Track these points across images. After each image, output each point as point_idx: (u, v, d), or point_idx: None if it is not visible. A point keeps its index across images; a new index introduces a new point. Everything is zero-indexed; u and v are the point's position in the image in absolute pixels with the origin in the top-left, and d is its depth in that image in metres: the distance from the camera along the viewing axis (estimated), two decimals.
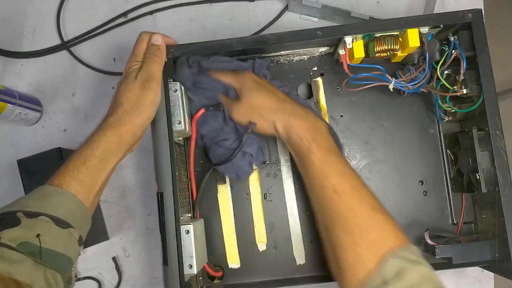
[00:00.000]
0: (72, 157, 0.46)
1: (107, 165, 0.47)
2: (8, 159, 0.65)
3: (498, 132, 0.52)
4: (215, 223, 0.61)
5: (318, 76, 0.63)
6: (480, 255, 0.53)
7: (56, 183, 0.44)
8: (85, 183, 0.45)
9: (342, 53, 0.57)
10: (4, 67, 0.67)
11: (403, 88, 0.58)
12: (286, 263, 0.61)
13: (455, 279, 0.64)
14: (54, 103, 0.67)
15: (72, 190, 0.44)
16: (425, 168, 0.62)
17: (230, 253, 0.61)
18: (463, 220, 0.60)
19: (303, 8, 0.66)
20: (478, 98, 0.54)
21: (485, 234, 0.58)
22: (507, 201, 0.52)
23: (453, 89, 0.55)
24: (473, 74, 0.54)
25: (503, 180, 0.52)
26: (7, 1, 0.69)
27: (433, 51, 0.55)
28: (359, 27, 0.54)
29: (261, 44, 0.54)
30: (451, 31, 0.55)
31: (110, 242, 0.65)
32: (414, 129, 0.62)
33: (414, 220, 0.61)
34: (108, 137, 0.47)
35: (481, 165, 0.54)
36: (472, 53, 0.54)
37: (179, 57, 0.56)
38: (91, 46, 0.68)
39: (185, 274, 0.51)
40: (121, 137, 0.48)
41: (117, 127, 0.48)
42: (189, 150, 0.60)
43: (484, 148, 0.54)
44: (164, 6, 0.68)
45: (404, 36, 0.55)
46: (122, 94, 0.49)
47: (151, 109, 0.51)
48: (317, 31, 0.54)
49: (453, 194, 0.61)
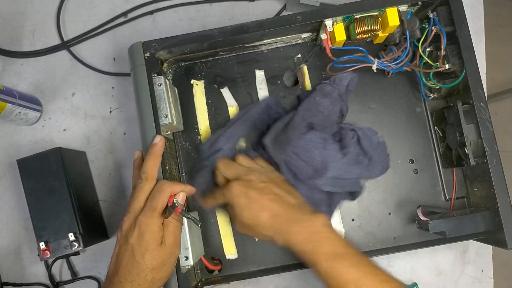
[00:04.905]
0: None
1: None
2: (8, 159, 0.66)
3: (482, 104, 0.53)
4: (209, 215, 0.62)
5: (302, 63, 0.63)
6: (473, 227, 0.54)
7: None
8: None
9: (324, 38, 0.58)
10: (4, 67, 0.68)
11: (386, 68, 0.58)
12: (283, 250, 0.61)
13: (455, 279, 0.64)
14: (54, 102, 0.67)
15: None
16: (414, 146, 0.62)
17: (227, 244, 0.61)
18: (456, 195, 0.61)
19: (300, 7, 0.66)
20: (461, 72, 0.54)
21: (477, 207, 0.58)
22: (495, 171, 0.52)
23: (435, 66, 0.55)
24: (454, 48, 0.54)
25: (490, 151, 0.52)
26: (7, 1, 0.69)
27: (414, 29, 0.56)
28: (338, 9, 0.55)
29: (242, 32, 0.55)
30: (430, 8, 0.56)
31: (110, 242, 0.65)
32: (401, 109, 0.62)
33: (407, 199, 0.61)
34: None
35: (468, 138, 0.54)
36: (452, 28, 0.54)
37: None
38: (91, 46, 0.68)
39: (181, 266, 0.52)
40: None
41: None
42: (178, 144, 0.60)
43: (470, 121, 0.54)
44: (164, 6, 0.68)
45: (384, 15, 0.55)
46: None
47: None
48: (297, 16, 0.54)
49: (444, 170, 0.61)
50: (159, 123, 0.54)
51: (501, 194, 0.52)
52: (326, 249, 0.47)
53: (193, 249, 0.53)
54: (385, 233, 0.61)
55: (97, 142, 0.66)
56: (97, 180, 0.66)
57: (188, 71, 0.63)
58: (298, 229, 0.49)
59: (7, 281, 0.64)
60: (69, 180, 0.58)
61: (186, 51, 0.58)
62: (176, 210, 0.48)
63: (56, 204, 0.57)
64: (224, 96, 0.63)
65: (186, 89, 0.63)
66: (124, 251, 0.47)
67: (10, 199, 0.65)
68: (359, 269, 0.46)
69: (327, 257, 0.47)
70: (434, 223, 0.54)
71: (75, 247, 0.56)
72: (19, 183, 0.59)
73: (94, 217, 0.63)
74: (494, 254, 0.64)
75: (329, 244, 0.48)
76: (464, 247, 0.64)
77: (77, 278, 0.64)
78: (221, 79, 0.63)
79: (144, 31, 0.68)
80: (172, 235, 0.48)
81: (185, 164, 0.62)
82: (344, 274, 0.46)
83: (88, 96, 0.67)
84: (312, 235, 0.48)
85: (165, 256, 0.47)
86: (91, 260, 0.65)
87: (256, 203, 0.50)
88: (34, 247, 0.64)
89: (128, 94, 0.67)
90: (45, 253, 0.56)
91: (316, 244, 0.48)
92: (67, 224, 0.57)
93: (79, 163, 0.64)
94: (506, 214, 0.52)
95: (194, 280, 0.57)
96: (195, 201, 0.58)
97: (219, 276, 0.61)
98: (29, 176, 0.58)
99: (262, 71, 0.63)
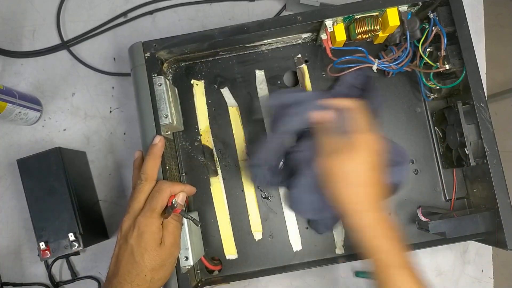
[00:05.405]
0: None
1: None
2: (8, 158, 0.66)
3: (482, 104, 0.53)
4: (209, 215, 0.62)
5: (302, 63, 0.63)
6: (473, 228, 0.54)
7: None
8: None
9: (324, 38, 0.58)
10: (4, 67, 0.68)
11: (387, 68, 0.58)
12: (283, 250, 0.61)
13: (455, 279, 0.64)
14: (54, 102, 0.67)
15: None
16: (414, 147, 0.62)
17: (227, 244, 0.61)
18: (456, 195, 0.61)
19: (300, 7, 0.65)
20: (461, 73, 0.54)
21: (477, 208, 0.58)
22: (496, 172, 0.52)
23: (436, 66, 0.55)
24: (454, 49, 0.54)
25: (490, 151, 0.52)
26: (7, 1, 0.69)
27: (414, 29, 0.56)
28: (338, 9, 0.54)
29: (242, 32, 0.55)
30: (430, 8, 0.56)
31: (110, 242, 0.65)
32: (401, 109, 0.62)
33: (407, 199, 0.61)
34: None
35: (468, 139, 0.54)
36: (452, 28, 0.54)
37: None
38: (91, 45, 0.68)
39: (181, 266, 0.52)
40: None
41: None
42: (178, 144, 0.60)
43: (470, 121, 0.54)
44: (164, 6, 0.68)
45: (384, 16, 0.55)
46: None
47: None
48: (297, 16, 0.54)
49: (444, 171, 0.61)
50: (159, 123, 0.54)
51: (501, 194, 0.52)
52: (395, 257, 0.46)
53: (193, 249, 0.53)
54: None
55: (97, 142, 0.66)
56: (97, 180, 0.66)
57: (188, 71, 0.63)
58: (372, 213, 0.47)
59: (7, 281, 0.64)
60: (69, 180, 0.58)
61: (186, 51, 0.58)
62: (175, 210, 0.48)
63: (56, 204, 0.57)
64: (224, 96, 0.63)
65: (186, 89, 0.63)
66: (124, 252, 0.47)
67: (10, 199, 0.65)
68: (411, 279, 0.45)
69: (396, 264, 0.45)
70: (434, 224, 0.54)
71: (75, 247, 0.56)
72: (19, 183, 0.59)
73: (94, 217, 0.63)
74: (494, 254, 0.64)
75: (399, 252, 0.46)
76: (464, 247, 0.64)
77: (77, 278, 0.64)
78: (221, 79, 0.63)
79: (144, 31, 0.68)
80: (172, 236, 0.48)
81: (185, 164, 0.62)
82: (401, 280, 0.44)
83: (88, 96, 0.67)
84: (387, 236, 0.46)
85: (165, 256, 0.47)
86: (91, 260, 0.65)
87: (376, 172, 0.48)
88: (34, 247, 0.64)
89: (128, 94, 0.66)
90: (45, 253, 0.56)
91: (390, 246, 0.46)
92: (67, 224, 0.57)
93: (79, 163, 0.64)
94: (506, 215, 0.52)
95: (194, 280, 0.57)
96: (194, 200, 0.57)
97: (219, 276, 0.61)
98: (29, 176, 0.58)
99: (262, 71, 0.63)
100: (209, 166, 0.62)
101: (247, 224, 0.62)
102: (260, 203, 0.62)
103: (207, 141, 0.62)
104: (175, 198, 0.49)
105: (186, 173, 0.62)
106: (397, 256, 0.46)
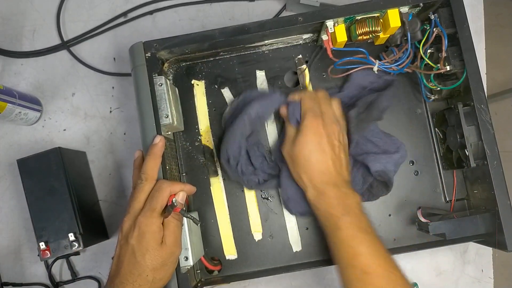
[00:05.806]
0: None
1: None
2: (8, 158, 0.66)
3: (483, 105, 0.53)
4: (209, 215, 0.62)
5: (303, 64, 0.63)
6: (473, 229, 0.54)
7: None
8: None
9: (325, 39, 0.58)
10: (4, 67, 0.68)
11: (387, 69, 0.58)
12: (283, 250, 0.61)
13: (455, 279, 0.64)
14: (54, 102, 0.67)
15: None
16: (415, 148, 0.62)
17: (227, 244, 0.61)
18: (456, 197, 0.61)
19: (300, 7, 0.65)
20: (461, 74, 0.54)
21: (477, 209, 0.58)
22: (496, 174, 0.52)
23: (436, 67, 0.55)
24: (455, 50, 0.54)
25: (490, 152, 0.52)
26: (7, 1, 0.69)
27: (415, 30, 0.56)
28: (339, 10, 0.54)
29: (243, 33, 0.55)
30: (431, 10, 0.56)
31: (110, 242, 0.65)
32: (402, 110, 0.62)
33: (407, 200, 0.61)
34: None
35: (469, 140, 0.54)
36: (453, 29, 0.54)
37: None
38: (91, 46, 0.68)
39: (181, 266, 0.52)
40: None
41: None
42: (179, 144, 0.60)
43: (470, 123, 0.54)
44: (164, 6, 0.68)
45: (385, 17, 0.55)
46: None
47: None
48: (298, 17, 0.54)
49: (444, 172, 0.61)
50: (159, 123, 0.53)
51: (501, 196, 0.52)
52: (353, 220, 0.49)
53: (193, 249, 0.53)
54: (385, 234, 0.61)
55: (97, 142, 0.66)
56: (97, 180, 0.66)
57: (189, 71, 0.63)
58: (336, 193, 0.51)
59: (7, 281, 0.64)
60: (69, 180, 0.58)
61: (187, 51, 0.58)
62: (175, 209, 0.48)
63: (56, 204, 0.57)
64: (225, 97, 0.63)
65: (187, 89, 0.63)
66: (125, 252, 0.47)
67: (10, 199, 0.65)
68: (375, 248, 0.48)
69: (352, 225, 0.49)
70: (434, 225, 0.54)
71: (75, 247, 0.56)
72: (19, 183, 0.59)
73: (94, 217, 0.63)
74: (494, 254, 0.64)
75: (357, 218, 0.50)
76: (464, 247, 0.65)
77: (77, 278, 0.64)
78: (222, 79, 0.63)
79: (144, 31, 0.68)
80: (173, 235, 0.48)
81: (186, 164, 0.62)
82: (361, 245, 0.48)
83: (88, 96, 0.67)
84: (345, 205, 0.50)
85: (166, 256, 0.47)
86: (91, 260, 0.65)
87: (325, 139, 0.52)
88: (34, 247, 0.64)
89: (128, 94, 0.66)
90: (45, 253, 0.56)
91: (346, 212, 0.50)
92: (67, 224, 0.57)
93: (79, 163, 0.64)
94: (506, 216, 0.52)
95: (193, 281, 0.57)
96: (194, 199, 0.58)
97: (219, 277, 0.61)
98: (29, 176, 0.58)
99: (263, 71, 0.63)
100: (209, 166, 0.62)
101: (247, 224, 0.62)
102: (260, 204, 0.62)
103: (208, 141, 0.62)
104: (175, 197, 0.49)
105: (186, 173, 0.62)
106: (349, 222, 0.49)
